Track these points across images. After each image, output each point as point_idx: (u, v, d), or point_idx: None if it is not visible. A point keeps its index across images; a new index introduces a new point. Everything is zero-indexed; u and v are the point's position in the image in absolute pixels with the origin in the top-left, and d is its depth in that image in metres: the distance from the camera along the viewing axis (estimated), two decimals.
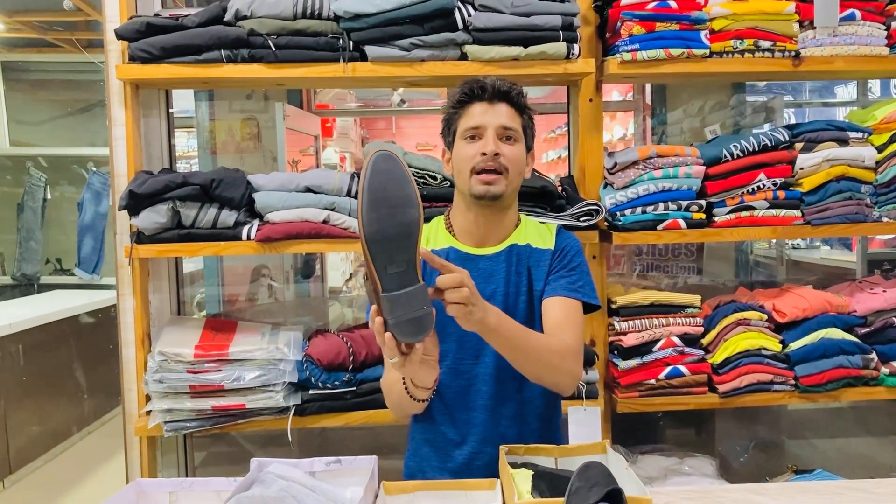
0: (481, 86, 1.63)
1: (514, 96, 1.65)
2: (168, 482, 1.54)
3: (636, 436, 2.74)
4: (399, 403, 1.58)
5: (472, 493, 1.49)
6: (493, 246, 1.70)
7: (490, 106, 1.63)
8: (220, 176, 2.23)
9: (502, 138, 1.63)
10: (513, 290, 1.68)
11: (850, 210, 2.37)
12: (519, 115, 1.66)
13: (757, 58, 2.33)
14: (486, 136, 1.61)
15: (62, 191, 6.08)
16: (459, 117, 1.66)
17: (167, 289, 2.53)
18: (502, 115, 1.63)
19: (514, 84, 1.66)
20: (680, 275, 3.06)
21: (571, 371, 1.59)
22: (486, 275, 1.67)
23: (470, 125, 1.63)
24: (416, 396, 1.51)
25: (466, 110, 1.65)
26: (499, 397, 1.67)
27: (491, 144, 1.60)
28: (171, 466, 2.61)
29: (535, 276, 1.70)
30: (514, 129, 1.64)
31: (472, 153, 1.62)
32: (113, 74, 2.28)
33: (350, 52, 2.23)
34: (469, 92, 1.64)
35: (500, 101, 1.64)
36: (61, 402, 4.34)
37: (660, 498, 1.54)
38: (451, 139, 1.69)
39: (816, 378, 2.34)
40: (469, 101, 1.65)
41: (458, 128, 1.66)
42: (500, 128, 1.62)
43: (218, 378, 2.18)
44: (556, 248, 1.73)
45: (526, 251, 1.71)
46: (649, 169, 2.31)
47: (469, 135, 1.64)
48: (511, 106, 1.65)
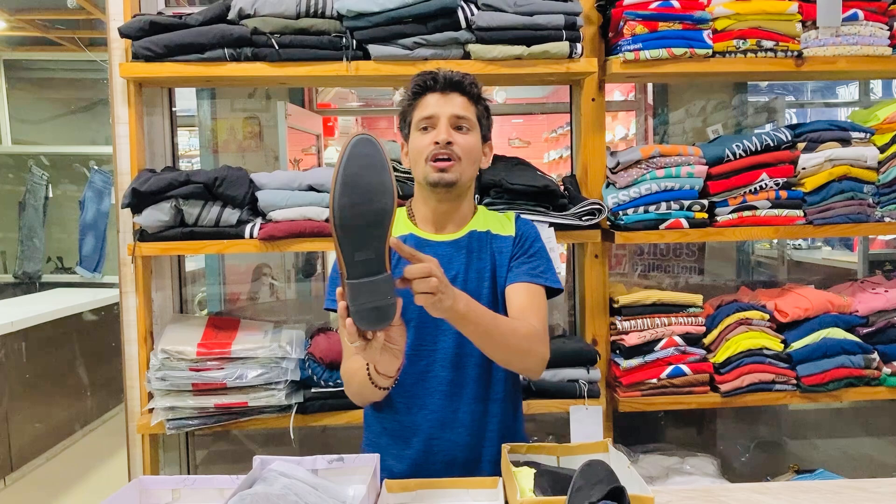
0: (433, 77, 1.66)
1: (466, 86, 1.67)
2: (171, 479, 1.53)
3: (638, 435, 2.74)
4: (360, 391, 1.58)
5: (474, 492, 1.50)
6: (452, 232, 1.72)
7: (443, 96, 1.65)
8: (223, 174, 2.23)
9: (455, 127, 1.64)
10: (474, 276, 1.69)
11: (853, 210, 2.37)
12: (473, 104, 1.68)
13: (759, 58, 2.34)
14: (439, 126, 1.63)
15: (64, 189, 6.09)
16: (414, 109, 1.68)
17: (170, 287, 2.54)
18: (455, 105, 1.65)
19: (466, 74, 1.68)
20: (681, 275, 3.06)
21: (540, 354, 1.61)
22: (446, 260, 1.68)
23: (423, 115, 1.65)
24: (378, 384, 1.50)
25: (420, 102, 1.67)
26: (457, 383, 1.67)
27: (443, 133, 1.62)
28: (173, 464, 2.61)
29: (499, 262, 1.72)
30: (466, 119, 1.65)
31: (426, 143, 1.64)
32: (116, 73, 2.29)
33: (353, 50, 2.24)
34: (422, 84, 1.66)
35: (453, 92, 1.65)
36: (63, 400, 4.35)
37: (661, 497, 1.54)
38: (408, 131, 1.71)
39: (818, 378, 2.34)
40: (422, 93, 1.67)
41: (413, 119, 1.68)
42: (453, 117, 1.64)
43: (220, 376, 2.18)
44: (516, 234, 1.75)
45: (486, 237, 1.73)
46: (652, 168, 2.31)
47: (423, 125, 1.65)
48: (464, 96, 1.66)
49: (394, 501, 1.48)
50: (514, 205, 2.28)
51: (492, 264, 1.71)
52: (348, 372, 1.63)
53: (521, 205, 2.27)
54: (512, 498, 1.36)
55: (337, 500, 1.41)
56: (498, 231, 1.75)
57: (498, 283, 1.71)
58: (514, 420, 1.77)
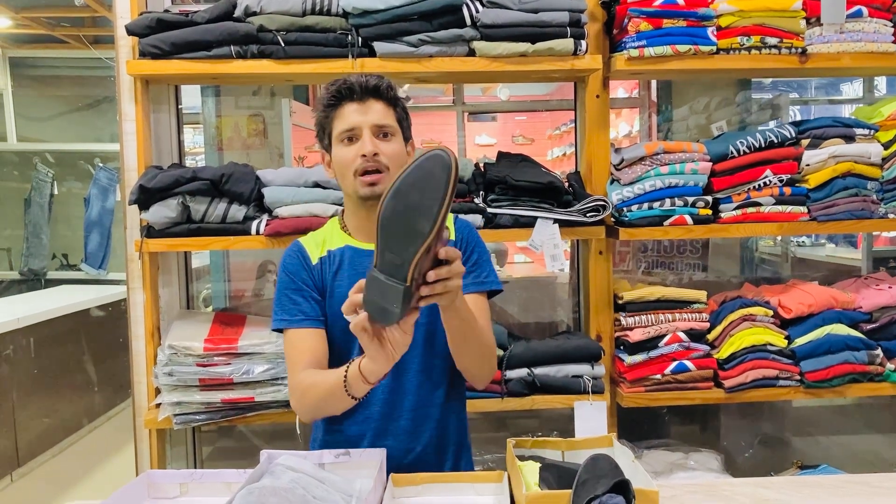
0: (349, 86, 1.62)
1: (384, 91, 1.64)
2: (178, 473, 1.55)
3: (642, 431, 2.75)
4: (320, 403, 1.54)
5: (479, 486, 1.51)
6: None
7: (361, 105, 1.62)
8: (229, 171, 2.24)
9: (378, 135, 1.62)
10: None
11: (856, 206, 2.38)
12: (391, 108, 1.65)
13: (763, 54, 2.34)
14: (363, 138, 1.60)
15: (69, 186, 6.11)
16: (332, 120, 1.64)
17: (176, 283, 2.55)
18: (375, 113, 1.62)
19: (381, 77, 1.64)
20: (685, 272, 3.07)
21: (493, 366, 1.68)
22: None
23: (344, 128, 1.62)
24: (354, 393, 1.45)
25: (338, 112, 1.63)
26: (398, 391, 1.66)
27: (368, 145, 1.59)
28: (180, 459, 2.63)
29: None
30: (389, 126, 1.63)
31: (352, 156, 1.61)
32: (123, 70, 2.30)
33: (359, 48, 2.25)
34: (338, 93, 1.63)
35: (371, 98, 1.62)
36: (70, 395, 4.37)
37: (666, 491, 1.55)
38: (328, 142, 1.68)
39: (822, 374, 2.34)
40: (339, 103, 1.63)
41: (333, 131, 1.64)
42: (375, 126, 1.61)
43: (227, 371, 2.20)
44: (458, 239, 1.71)
45: None
46: (656, 165, 2.32)
47: (345, 137, 1.62)
48: (382, 101, 1.63)
49: (400, 495, 1.49)
50: (519, 201, 2.29)
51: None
52: (304, 384, 1.57)
53: (525, 201, 2.28)
54: (517, 492, 1.37)
55: (343, 493, 1.42)
56: None
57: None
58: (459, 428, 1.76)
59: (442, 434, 1.70)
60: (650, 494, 1.28)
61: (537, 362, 2.31)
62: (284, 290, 1.67)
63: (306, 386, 1.56)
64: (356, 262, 1.66)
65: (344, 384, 1.43)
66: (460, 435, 1.77)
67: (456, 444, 1.75)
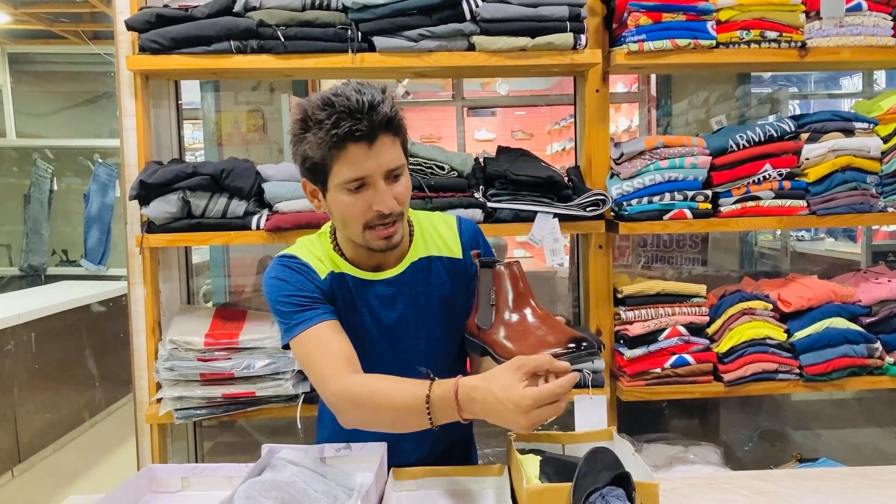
0: (356, 126, 1.31)
1: (395, 125, 1.37)
2: (180, 468, 1.55)
3: (641, 424, 2.76)
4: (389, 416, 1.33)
5: (480, 479, 1.51)
6: (391, 269, 1.53)
7: (371, 147, 1.34)
8: (229, 166, 2.25)
9: (390, 179, 1.39)
10: (422, 312, 1.54)
11: (856, 200, 2.38)
12: (398, 138, 1.40)
13: (763, 48, 2.34)
14: (378, 188, 1.36)
15: (68, 182, 6.10)
16: (333, 162, 1.35)
17: (177, 278, 2.56)
18: (388, 154, 1.36)
19: (386, 99, 1.35)
20: (685, 266, 3.07)
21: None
22: (388, 300, 1.53)
23: (352, 177, 1.35)
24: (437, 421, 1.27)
25: (341, 155, 1.34)
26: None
27: (388, 200, 1.37)
28: (181, 453, 2.63)
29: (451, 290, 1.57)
30: (401, 166, 1.40)
31: (362, 208, 1.38)
32: (123, 65, 2.30)
33: (358, 42, 2.24)
34: (344, 134, 1.31)
35: (381, 134, 1.34)
36: (71, 390, 4.37)
37: (665, 484, 1.56)
38: (323, 182, 1.40)
39: (821, 367, 2.35)
40: (343, 144, 1.33)
41: (334, 175, 1.37)
42: (388, 171, 1.37)
43: (228, 366, 2.20)
44: (466, 254, 1.59)
45: (430, 264, 1.56)
46: (656, 159, 2.32)
47: (353, 186, 1.37)
48: (390, 134, 1.37)
49: (400, 489, 1.50)
50: (518, 196, 2.29)
51: (439, 294, 1.56)
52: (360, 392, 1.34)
53: (525, 195, 2.29)
54: (518, 485, 1.37)
55: (345, 487, 1.42)
56: (442, 253, 1.58)
57: (452, 313, 1.57)
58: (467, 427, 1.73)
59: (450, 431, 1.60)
60: (650, 487, 1.28)
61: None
62: (288, 302, 1.46)
63: (369, 395, 1.32)
64: (361, 292, 1.51)
65: (427, 408, 1.25)
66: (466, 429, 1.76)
67: (464, 438, 1.75)
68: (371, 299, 1.52)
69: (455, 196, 2.28)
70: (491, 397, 1.18)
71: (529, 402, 1.14)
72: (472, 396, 1.21)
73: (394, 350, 1.55)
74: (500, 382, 1.18)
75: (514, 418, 1.16)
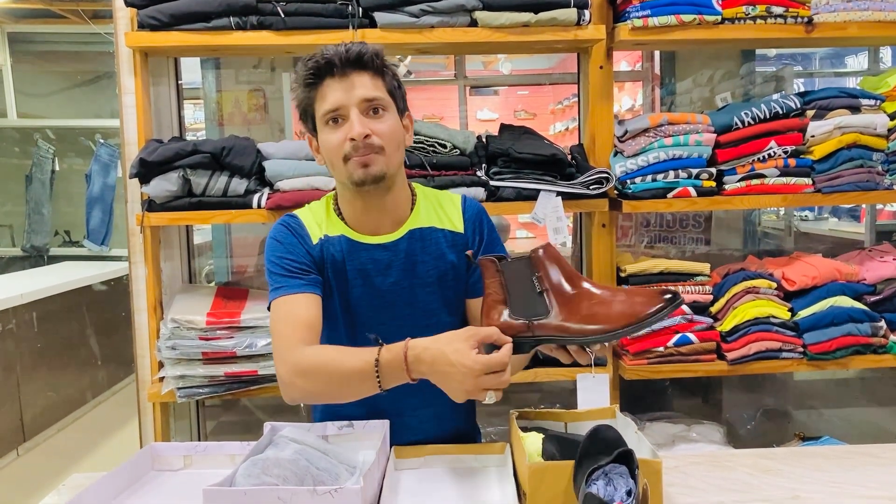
0: (327, 59, 1.43)
1: (368, 60, 1.45)
2: (182, 446, 1.56)
3: (644, 403, 2.76)
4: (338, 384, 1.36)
5: (482, 457, 1.51)
6: (389, 233, 1.55)
7: (343, 79, 1.43)
8: (230, 144, 2.23)
9: (368, 112, 1.45)
10: (417, 282, 1.55)
11: (862, 178, 2.36)
12: (380, 78, 1.47)
13: (769, 24, 2.31)
14: (351, 118, 1.43)
15: (70, 163, 6.10)
16: (314, 100, 1.47)
17: (178, 257, 2.55)
18: (361, 87, 1.43)
19: (364, 44, 1.45)
20: (688, 246, 3.06)
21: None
22: (384, 266, 1.54)
23: (327, 108, 1.44)
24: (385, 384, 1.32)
25: (319, 92, 1.45)
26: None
27: (357, 127, 1.42)
28: (184, 433, 2.64)
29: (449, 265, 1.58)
30: (379, 99, 1.45)
31: (340, 139, 1.44)
32: (122, 42, 2.28)
33: (359, 18, 2.22)
34: (316, 69, 1.44)
35: (354, 71, 1.43)
36: (74, 370, 4.39)
37: (668, 462, 1.56)
38: (313, 125, 1.51)
39: (825, 346, 2.34)
40: (319, 80, 1.45)
41: (316, 112, 1.47)
42: (362, 102, 1.44)
43: (230, 345, 2.20)
44: (468, 227, 1.60)
45: (429, 235, 1.57)
46: (660, 136, 2.30)
47: (330, 118, 1.45)
48: (368, 71, 1.45)
49: (402, 467, 1.50)
50: (521, 174, 2.27)
51: (436, 267, 1.57)
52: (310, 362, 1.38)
53: (527, 174, 2.27)
54: (520, 463, 1.37)
55: (347, 465, 1.42)
56: (444, 225, 1.59)
57: (445, 287, 1.58)
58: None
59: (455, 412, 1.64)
60: (653, 465, 1.28)
61: None
62: (278, 263, 1.51)
63: (318, 364, 1.38)
64: (354, 256, 1.53)
65: (375, 371, 1.30)
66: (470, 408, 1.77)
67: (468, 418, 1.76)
68: (365, 263, 1.53)
69: (457, 174, 2.26)
70: (442, 360, 1.24)
71: (480, 367, 1.20)
72: (422, 357, 1.26)
73: (384, 319, 1.54)
74: (454, 346, 1.23)
75: (462, 382, 1.22)
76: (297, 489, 1.17)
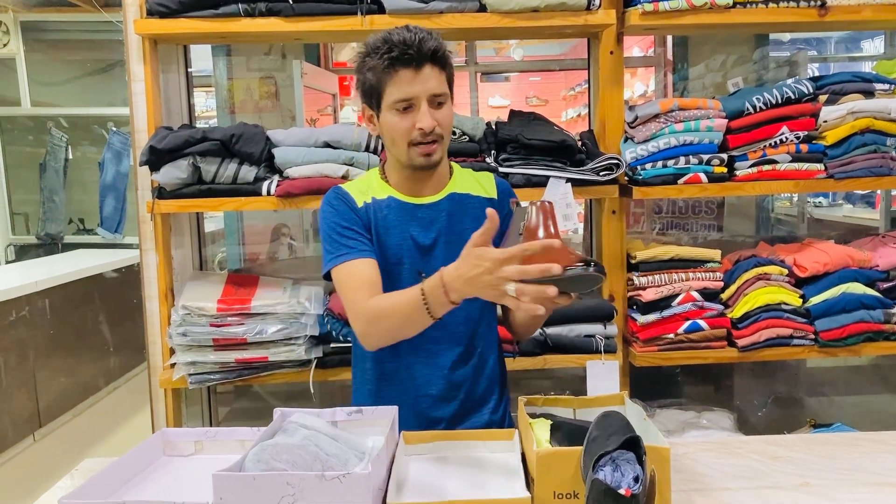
0: (406, 51, 1.52)
1: (440, 57, 1.56)
2: (193, 431, 1.57)
3: (654, 390, 2.76)
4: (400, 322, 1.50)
5: (490, 444, 1.51)
6: (431, 195, 1.70)
7: (418, 73, 1.54)
8: (239, 131, 2.23)
9: (433, 104, 1.57)
10: (455, 239, 1.65)
11: (875, 163, 2.34)
12: (444, 71, 1.59)
13: (782, 7, 2.29)
14: (421, 109, 1.55)
15: (83, 151, 6.12)
16: (385, 85, 1.56)
17: (189, 244, 2.56)
18: (432, 81, 1.55)
19: (434, 37, 1.55)
20: (700, 232, 3.04)
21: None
22: (427, 222, 1.67)
23: (400, 97, 1.55)
24: (434, 312, 1.43)
25: (392, 79, 1.55)
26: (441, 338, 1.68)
27: (428, 120, 1.55)
28: (196, 419, 2.66)
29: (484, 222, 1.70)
30: (444, 94, 1.59)
31: (408, 126, 1.56)
32: (131, 30, 2.28)
33: (367, 4, 2.21)
34: (394, 58, 1.53)
35: (427, 64, 1.54)
36: (88, 357, 4.42)
37: (678, 449, 1.56)
38: (377, 104, 1.61)
39: (837, 332, 2.33)
40: (393, 68, 1.54)
41: (385, 97, 1.57)
42: (431, 96, 1.56)
43: (241, 331, 2.21)
44: (500, 196, 1.75)
45: (466, 199, 1.71)
46: (671, 122, 2.29)
47: (400, 107, 1.56)
48: (437, 66, 1.56)
49: (411, 452, 1.50)
50: (531, 160, 2.26)
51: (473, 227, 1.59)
52: (377, 308, 1.53)
53: (537, 160, 2.26)
54: (528, 449, 1.37)
55: (356, 450, 1.43)
56: (478, 192, 1.74)
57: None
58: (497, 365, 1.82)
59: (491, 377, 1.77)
60: (662, 451, 1.27)
61: (549, 322, 2.30)
62: (335, 230, 1.64)
63: (381, 309, 1.52)
64: (402, 213, 1.67)
65: (423, 300, 1.42)
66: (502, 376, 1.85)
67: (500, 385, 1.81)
68: (410, 221, 1.67)
69: (466, 161, 2.26)
70: (468, 263, 1.34)
71: (497, 254, 1.29)
72: (454, 273, 1.37)
73: (426, 272, 1.61)
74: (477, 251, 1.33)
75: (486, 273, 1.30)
76: (305, 474, 1.17)
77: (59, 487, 1.45)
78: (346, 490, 1.16)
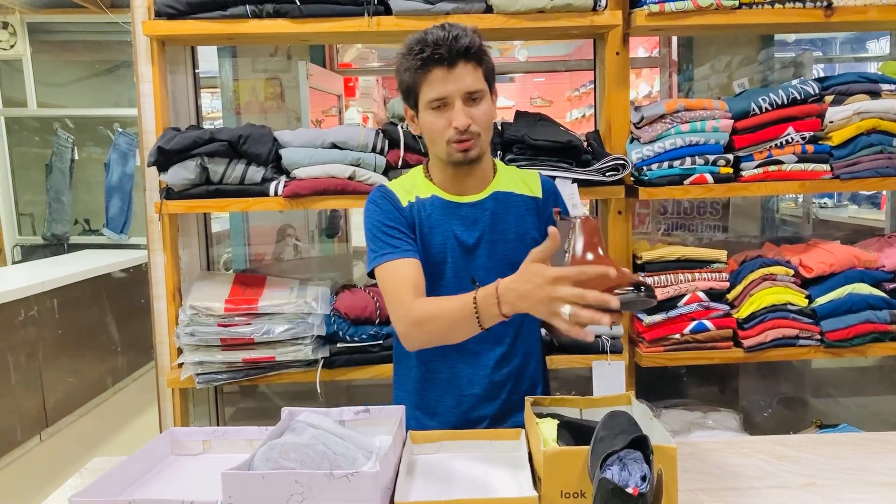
0: (438, 51, 1.52)
1: (474, 53, 1.56)
2: (201, 430, 1.57)
3: (660, 391, 2.76)
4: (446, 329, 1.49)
5: (497, 443, 1.52)
6: (475, 193, 1.70)
7: (451, 71, 1.54)
8: (247, 132, 2.24)
9: (468, 101, 1.57)
10: (499, 237, 1.68)
11: (881, 164, 2.34)
12: (481, 67, 1.59)
13: (788, 8, 2.28)
14: (455, 108, 1.56)
15: (89, 151, 6.14)
16: (420, 84, 1.58)
17: (196, 245, 2.57)
18: (466, 79, 1.55)
19: (468, 33, 1.55)
20: (705, 233, 3.04)
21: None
22: (471, 221, 1.68)
23: (434, 97, 1.56)
24: (485, 324, 1.42)
25: (426, 78, 1.56)
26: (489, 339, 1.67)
27: (462, 117, 1.55)
28: (203, 418, 2.67)
29: (527, 224, 1.71)
30: (479, 90, 1.58)
31: (443, 125, 1.57)
32: (139, 31, 2.29)
33: (374, 5, 2.22)
34: (426, 58, 1.54)
35: (461, 61, 1.54)
36: (95, 357, 4.43)
37: (685, 448, 1.56)
38: (415, 104, 1.63)
39: (843, 333, 2.33)
40: (427, 68, 1.55)
41: (422, 96, 1.59)
42: (466, 94, 1.56)
43: (248, 331, 2.22)
44: (545, 195, 1.75)
45: (510, 198, 1.71)
46: (676, 123, 2.29)
47: (435, 105, 1.57)
48: (472, 62, 1.56)
49: (418, 452, 1.51)
50: (537, 161, 2.27)
51: (517, 226, 1.70)
52: (423, 312, 1.52)
53: (543, 161, 2.26)
54: (535, 448, 1.38)
55: (364, 449, 1.43)
56: (522, 191, 1.74)
57: (523, 245, 1.66)
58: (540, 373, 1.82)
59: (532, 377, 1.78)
60: (668, 451, 1.28)
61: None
62: (379, 229, 1.65)
63: (430, 313, 1.51)
64: (445, 212, 1.67)
65: (474, 310, 1.41)
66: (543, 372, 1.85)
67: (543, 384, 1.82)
68: (454, 220, 1.68)
69: None
70: (524, 278, 1.32)
71: (552, 273, 1.26)
72: (509, 286, 1.34)
73: (468, 270, 1.67)
74: (534, 267, 1.31)
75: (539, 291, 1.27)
76: (313, 473, 1.18)
77: (68, 486, 1.46)
78: (355, 489, 1.17)
